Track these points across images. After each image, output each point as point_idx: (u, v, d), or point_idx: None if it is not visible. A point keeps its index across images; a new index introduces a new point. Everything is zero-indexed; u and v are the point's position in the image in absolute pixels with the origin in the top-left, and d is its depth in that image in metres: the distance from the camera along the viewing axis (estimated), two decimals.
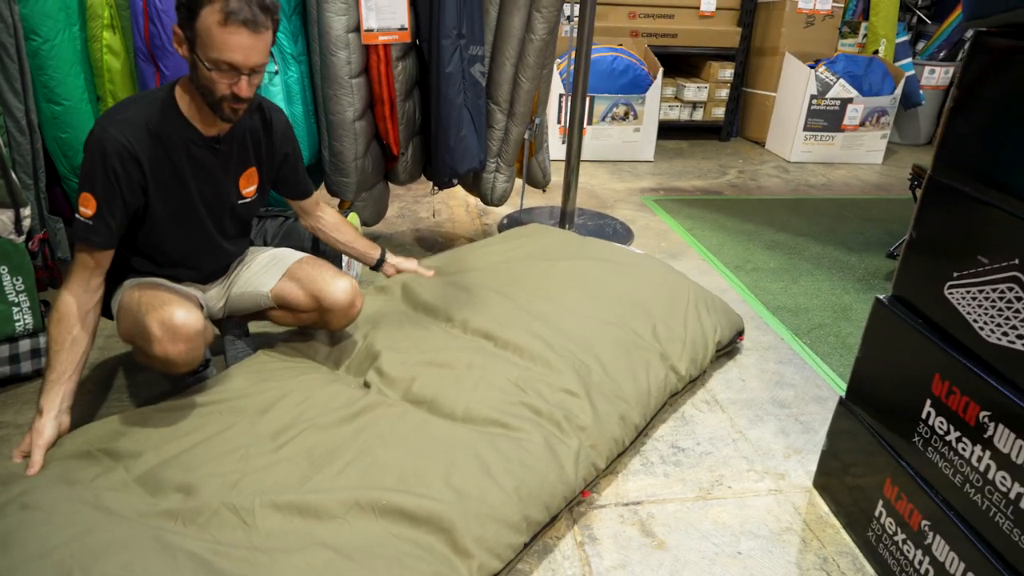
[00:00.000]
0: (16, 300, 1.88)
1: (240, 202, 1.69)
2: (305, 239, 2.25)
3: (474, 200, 3.60)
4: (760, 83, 4.97)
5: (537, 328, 1.87)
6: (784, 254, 3.09)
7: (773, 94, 4.80)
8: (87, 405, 1.84)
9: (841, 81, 4.47)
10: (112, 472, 1.33)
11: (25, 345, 1.92)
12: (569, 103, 2.91)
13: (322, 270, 1.75)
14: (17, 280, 1.86)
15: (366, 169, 2.40)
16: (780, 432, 1.88)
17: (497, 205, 2.71)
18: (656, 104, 4.42)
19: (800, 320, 2.50)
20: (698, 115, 4.99)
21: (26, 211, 1.71)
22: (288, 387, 1.63)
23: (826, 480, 1.65)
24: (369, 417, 1.51)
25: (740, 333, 2.27)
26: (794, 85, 4.60)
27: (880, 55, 4.70)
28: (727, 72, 4.91)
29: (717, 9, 4.78)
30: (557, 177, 2.98)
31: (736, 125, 5.22)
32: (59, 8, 2.07)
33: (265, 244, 2.22)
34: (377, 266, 2.01)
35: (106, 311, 1.73)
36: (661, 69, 4.39)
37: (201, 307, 1.63)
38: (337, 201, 2.57)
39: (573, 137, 2.92)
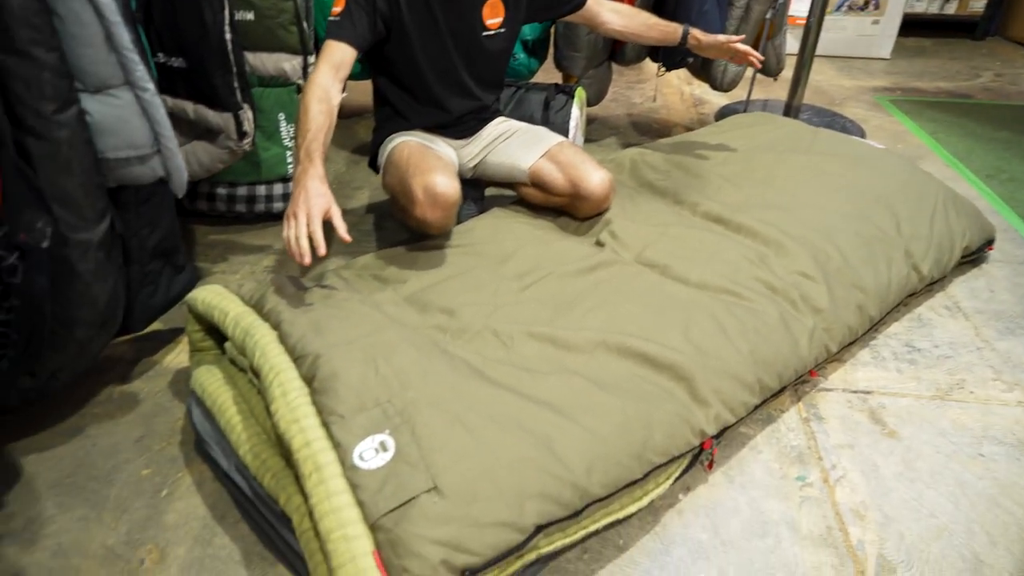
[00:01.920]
0: (289, 144, 2.11)
1: (485, 34, 1.74)
2: (535, 108, 2.30)
3: (689, 88, 3.47)
4: None
5: (771, 216, 1.81)
6: None
7: None
8: (347, 249, 2.07)
9: None
10: (384, 291, 1.50)
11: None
12: None
13: (583, 158, 1.79)
14: (291, 127, 2.09)
15: (597, 45, 2.38)
16: None
17: (726, 90, 2.60)
18: None
19: None
20: (951, 8, 4.38)
21: (312, 59, 1.89)
22: (525, 238, 1.72)
23: None
24: (605, 272, 1.58)
25: (990, 242, 2.07)
26: None
27: None
28: None
29: None
30: (785, 72, 2.78)
31: (996, 22, 4.52)
32: None
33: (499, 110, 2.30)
34: (683, 41, 1.93)
35: (373, 162, 1.91)
36: None
37: (456, 172, 1.75)
38: (562, 76, 2.59)
39: (813, 23, 2.69)
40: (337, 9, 1.56)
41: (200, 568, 1.15)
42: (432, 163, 1.62)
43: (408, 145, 1.71)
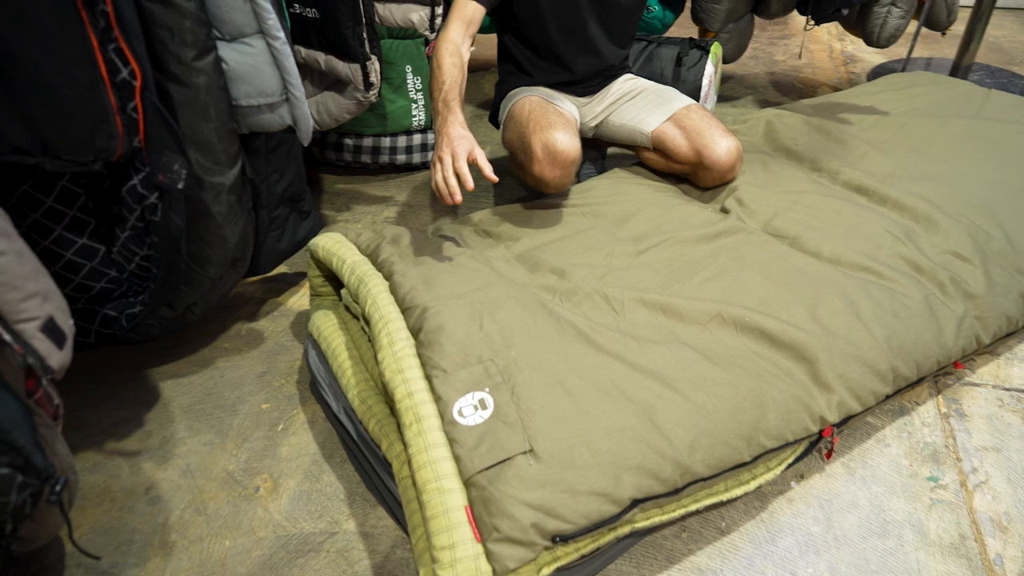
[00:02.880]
0: (415, 98, 2.13)
1: None
2: (666, 65, 2.19)
3: (839, 45, 3.18)
4: None
5: (923, 189, 1.63)
6: None
7: None
8: (466, 203, 2.08)
9: None
10: (496, 248, 1.49)
11: (417, 139, 2.20)
12: None
13: (710, 124, 1.67)
14: (417, 79, 2.10)
15: None
16: None
17: (884, 46, 2.35)
18: None
19: None
20: None
21: (439, 10, 1.89)
22: (646, 200, 1.65)
23: None
24: (729, 240, 1.48)
25: None
26: None
27: None
28: None
29: None
30: (954, 26, 2.47)
31: None
32: None
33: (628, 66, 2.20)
34: None
35: (494, 118, 1.89)
36: None
37: (577, 130, 1.69)
38: (699, 30, 2.44)
39: None
40: None
41: (308, 502, 1.21)
42: (553, 119, 1.58)
43: (529, 100, 1.67)
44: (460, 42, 1.50)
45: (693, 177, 1.71)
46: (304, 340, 1.57)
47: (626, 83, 1.85)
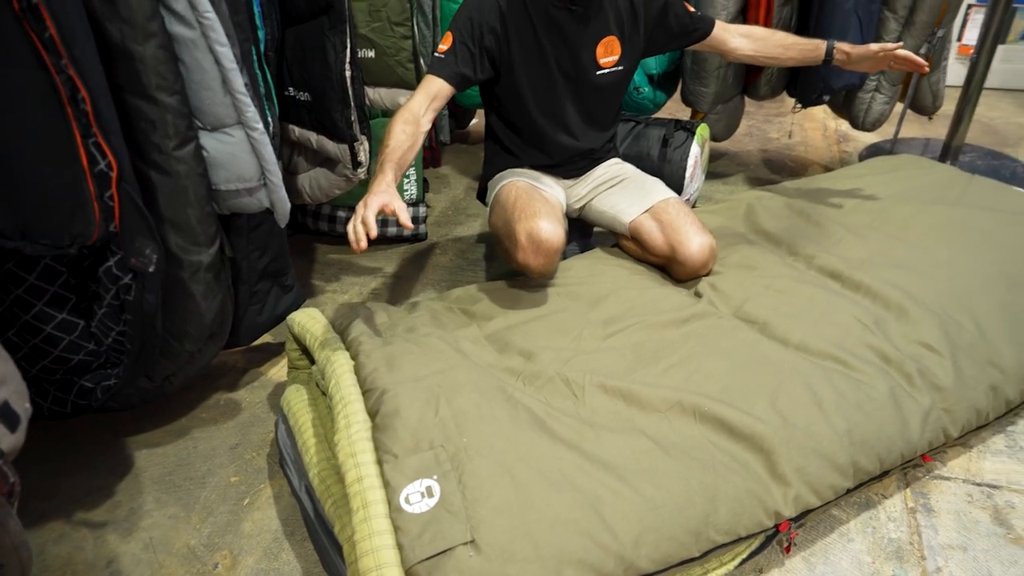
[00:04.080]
0: (407, 172, 2.20)
1: (599, 72, 1.72)
2: (653, 145, 2.24)
3: (834, 124, 3.25)
4: None
5: (897, 277, 1.64)
6: None
7: None
8: (452, 276, 2.13)
9: None
10: (468, 327, 1.52)
11: (410, 212, 2.26)
12: (986, 15, 2.40)
13: (686, 220, 1.69)
14: None
15: (727, 79, 2.29)
16: None
17: (869, 130, 2.40)
18: None
19: None
20: None
21: None
22: (622, 282, 1.68)
23: None
24: (698, 325, 1.50)
25: None
26: None
27: None
28: None
29: None
30: (946, 105, 2.52)
31: None
32: None
33: (615, 148, 2.27)
34: (828, 57, 1.79)
35: (482, 195, 1.94)
36: None
37: (563, 209, 1.74)
38: (689, 111, 2.51)
39: (981, 56, 2.43)
40: (443, 47, 1.61)
41: None
42: (538, 207, 1.62)
43: (516, 186, 1.72)
44: (419, 113, 1.53)
45: (667, 269, 1.74)
46: (277, 413, 1.59)
47: (611, 168, 1.90)
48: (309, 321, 1.44)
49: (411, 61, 1.90)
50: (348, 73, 1.65)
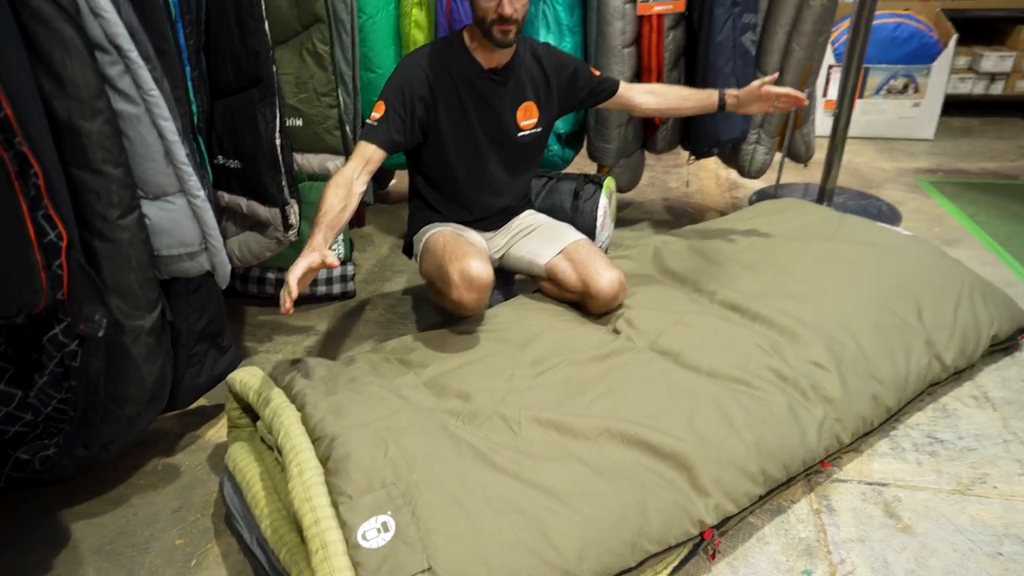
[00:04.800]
0: None
1: (519, 135, 1.89)
2: (565, 198, 2.42)
3: (725, 173, 3.56)
4: None
5: (787, 305, 1.85)
6: None
7: None
8: (384, 330, 2.20)
9: None
10: (406, 375, 1.60)
11: (336, 271, 2.33)
12: (841, 74, 2.75)
13: (596, 258, 1.86)
14: None
15: (627, 136, 2.51)
16: None
17: (754, 177, 2.68)
18: (944, 76, 3.96)
19: None
20: (996, 88, 4.37)
21: None
22: (545, 325, 1.81)
23: None
24: (618, 360, 1.64)
25: (1023, 330, 2.04)
26: None
27: None
28: None
29: None
30: (819, 153, 2.85)
31: None
32: None
33: (530, 202, 2.43)
34: (722, 104, 1.99)
35: (407, 250, 2.05)
36: (955, 36, 3.91)
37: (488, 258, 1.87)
38: (596, 165, 2.72)
39: (842, 110, 2.76)
40: (376, 115, 1.73)
41: None
42: (466, 248, 1.75)
43: (443, 234, 1.84)
44: (353, 177, 1.65)
45: (583, 304, 1.88)
46: (220, 472, 1.61)
47: (526, 218, 2.06)
48: (251, 379, 1.49)
49: (337, 128, 2.01)
50: (278, 141, 1.74)
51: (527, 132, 1.91)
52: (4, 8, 1.03)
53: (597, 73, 2.00)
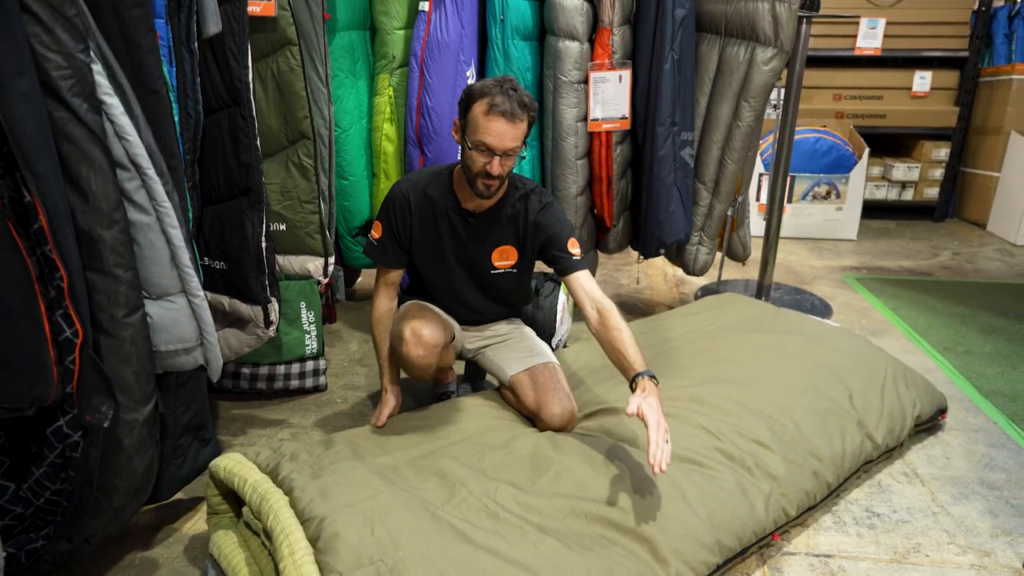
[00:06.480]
0: (308, 329, 2.40)
1: (493, 272, 1.98)
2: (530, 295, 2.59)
3: (672, 270, 3.82)
4: (981, 163, 4.74)
5: (730, 391, 2.02)
6: (1003, 339, 2.94)
7: (996, 174, 4.56)
8: (356, 421, 2.29)
9: None
10: (384, 458, 1.69)
11: (310, 365, 2.43)
12: (769, 182, 3.08)
13: (556, 386, 1.93)
14: (310, 314, 2.39)
15: (583, 237, 2.74)
16: (987, 512, 1.85)
17: (698, 275, 2.92)
18: (861, 183, 4.40)
19: (1018, 406, 2.40)
20: (908, 195, 4.85)
21: (331, 260, 2.23)
22: (508, 414, 1.94)
23: None
24: (576, 443, 1.77)
25: (943, 411, 2.25)
26: (1021, 165, 4.34)
27: None
28: (941, 152, 4.75)
29: (931, 89, 4.69)
30: (755, 252, 3.12)
31: (952, 205, 4.98)
32: (356, 106, 2.68)
33: (516, 312, 2.49)
34: (631, 383, 1.69)
35: None
36: (867, 150, 4.38)
37: (453, 336, 2.00)
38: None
39: (773, 214, 3.07)
40: (375, 235, 1.93)
41: None
42: (427, 315, 1.89)
43: (415, 303, 1.98)
44: (386, 308, 1.97)
45: (534, 422, 1.96)
46: (200, 564, 1.64)
47: (507, 325, 2.15)
48: (235, 465, 1.56)
49: (318, 232, 2.17)
50: (264, 244, 1.89)
51: (502, 271, 1.98)
52: (48, 135, 1.18)
53: (573, 250, 1.89)
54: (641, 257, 2.90)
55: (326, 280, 2.28)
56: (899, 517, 1.83)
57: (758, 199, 4.32)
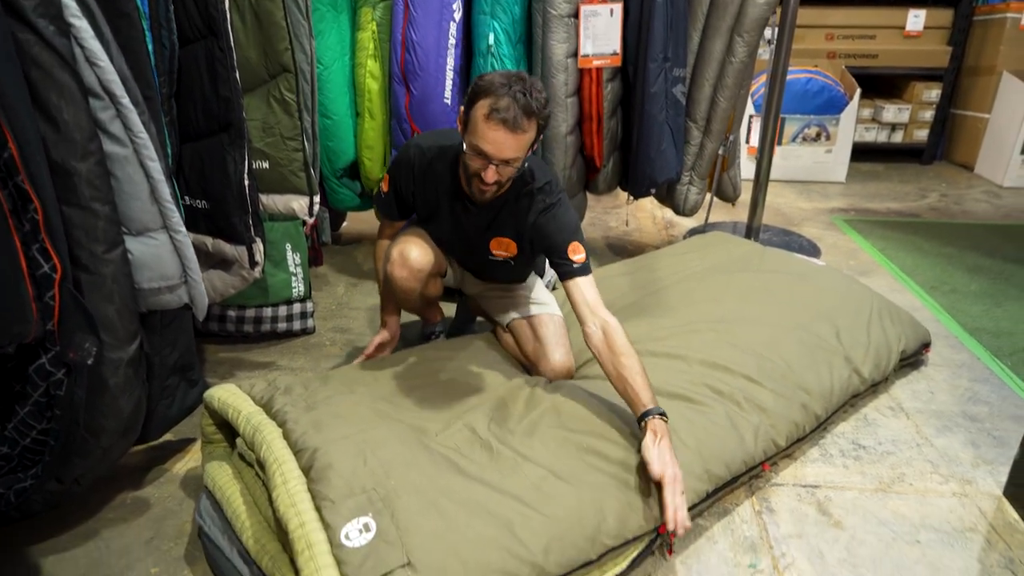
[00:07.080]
0: (294, 271, 2.37)
1: (491, 258, 1.88)
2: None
3: (661, 212, 3.80)
4: (972, 104, 4.70)
5: (719, 330, 2.02)
6: (988, 279, 2.96)
7: (986, 115, 4.53)
8: (345, 363, 2.28)
9: None
10: (379, 393, 1.68)
11: (296, 308, 2.41)
12: (761, 122, 3.03)
13: (558, 339, 1.91)
14: (296, 255, 2.35)
15: (572, 178, 2.69)
16: (969, 443, 1.89)
17: (688, 215, 2.89)
18: (851, 125, 4.35)
19: (1001, 342, 2.43)
20: (897, 137, 4.82)
21: (316, 199, 2.18)
22: (498, 356, 1.94)
23: (1019, 491, 1.65)
24: (567, 382, 1.77)
25: (926, 345, 2.28)
26: (1012, 106, 4.31)
27: None
28: (932, 93, 4.71)
29: (924, 28, 4.61)
30: (745, 194, 3.10)
31: (941, 148, 4.96)
32: (337, 42, 2.58)
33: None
34: (638, 422, 1.51)
35: None
36: (858, 90, 4.32)
37: (443, 270, 1.98)
38: None
39: (763, 155, 3.04)
40: (384, 188, 1.89)
41: None
42: (420, 242, 1.84)
43: (415, 229, 1.91)
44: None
45: (530, 369, 1.95)
46: (192, 503, 1.64)
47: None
48: (230, 396, 1.55)
49: (303, 170, 2.12)
50: (246, 182, 1.84)
51: (499, 259, 1.89)
52: (12, 57, 1.12)
53: (574, 256, 1.72)
54: (631, 197, 2.86)
55: (312, 220, 2.23)
56: (884, 449, 1.86)
57: (747, 141, 4.27)
